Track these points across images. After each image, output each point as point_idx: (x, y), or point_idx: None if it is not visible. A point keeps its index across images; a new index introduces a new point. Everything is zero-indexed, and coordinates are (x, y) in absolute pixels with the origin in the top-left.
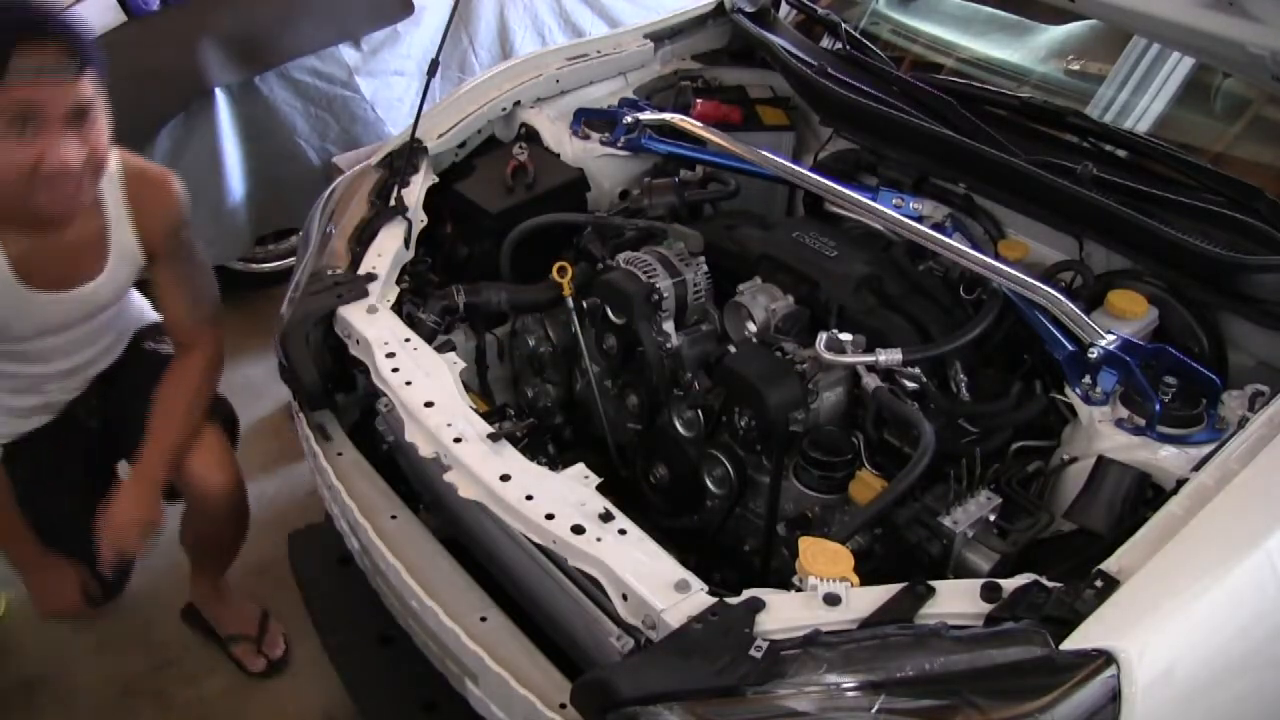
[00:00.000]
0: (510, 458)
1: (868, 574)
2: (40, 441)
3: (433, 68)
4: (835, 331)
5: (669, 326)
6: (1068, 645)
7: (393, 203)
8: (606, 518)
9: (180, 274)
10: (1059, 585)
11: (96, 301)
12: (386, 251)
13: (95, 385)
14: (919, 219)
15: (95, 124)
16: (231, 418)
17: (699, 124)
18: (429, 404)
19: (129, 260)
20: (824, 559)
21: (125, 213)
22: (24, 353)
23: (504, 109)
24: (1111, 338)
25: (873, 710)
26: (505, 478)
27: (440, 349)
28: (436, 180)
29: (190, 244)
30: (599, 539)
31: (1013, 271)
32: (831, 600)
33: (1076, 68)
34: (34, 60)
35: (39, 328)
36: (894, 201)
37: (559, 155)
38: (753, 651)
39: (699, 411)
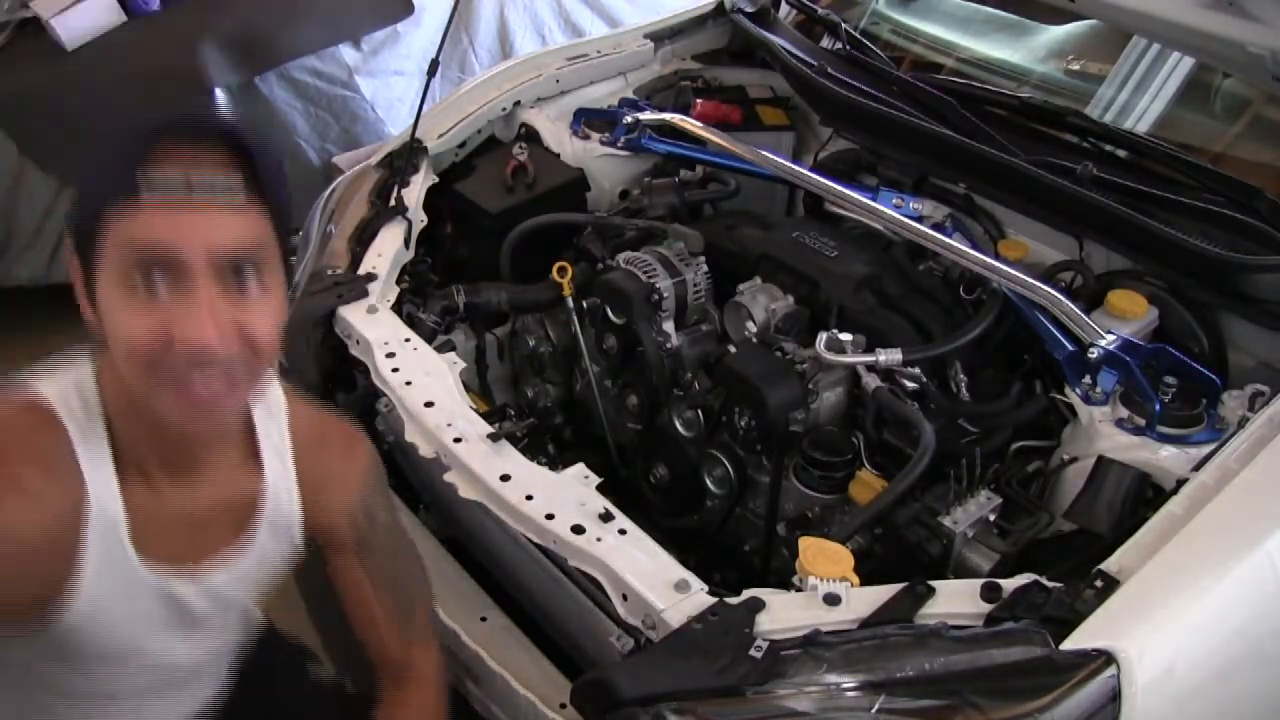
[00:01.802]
0: (510, 458)
1: (868, 574)
2: None
3: (433, 68)
4: (835, 331)
5: (669, 326)
6: (1068, 645)
7: (393, 203)
8: (606, 518)
9: (378, 571)
10: (1059, 585)
11: (228, 601)
12: (386, 251)
13: None
14: (919, 219)
15: (261, 291)
16: None
17: (699, 124)
18: (429, 404)
19: (280, 546)
20: (824, 559)
21: (291, 476)
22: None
23: (504, 109)
24: (1111, 338)
25: (873, 710)
26: (505, 478)
27: (440, 349)
28: (436, 180)
29: (391, 524)
30: (599, 539)
31: (1013, 271)
32: (831, 600)
33: (1076, 68)
34: (179, 166)
35: (125, 642)
36: (894, 201)
37: (559, 155)
38: (753, 651)
39: (699, 411)
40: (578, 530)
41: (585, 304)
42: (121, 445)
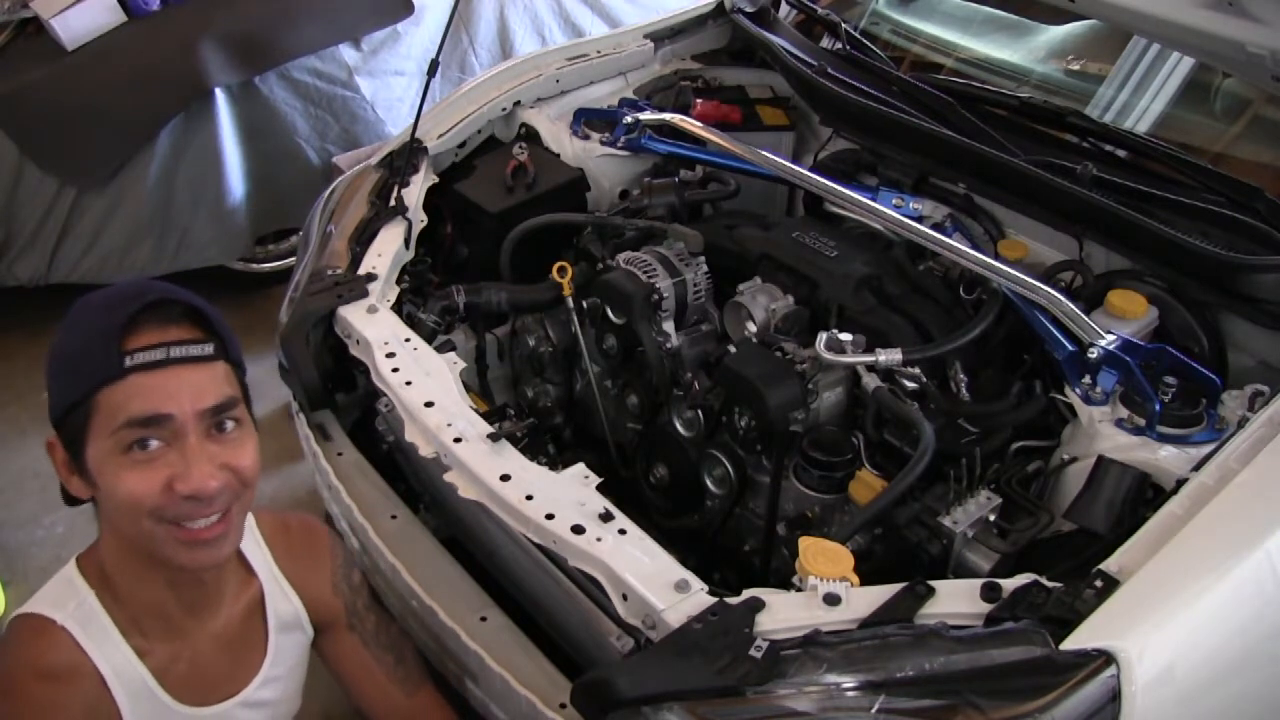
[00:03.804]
0: (510, 458)
1: (868, 574)
2: None
3: (433, 68)
4: (835, 331)
5: (669, 326)
6: (1068, 645)
7: (393, 203)
8: (606, 518)
9: (371, 632)
10: (1059, 585)
11: (268, 703)
12: (386, 251)
13: None
14: (919, 219)
15: (239, 430)
16: None
17: (699, 124)
18: (429, 404)
19: (294, 637)
20: (824, 559)
21: (279, 576)
22: None
23: (504, 109)
24: (1111, 338)
25: (873, 710)
26: (505, 478)
27: (440, 349)
28: (436, 180)
29: (363, 582)
30: (599, 539)
31: (1013, 271)
32: (831, 600)
33: (1076, 68)
34: (155, 335)
35: None
36: (894, 201)
37: (559, 155)
38: (753, 651)
39: (699, 411)
40: (578, 530)
41: (585, 304)
42: (139, 612)
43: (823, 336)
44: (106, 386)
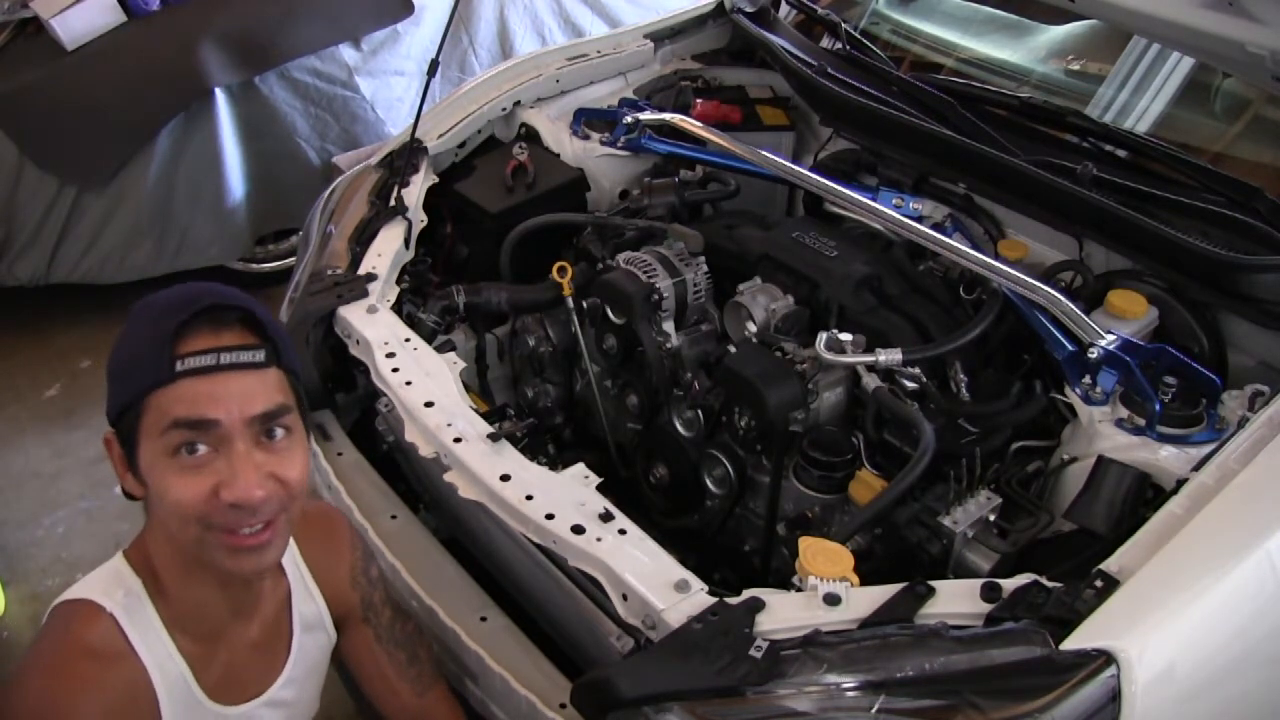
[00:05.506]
0: (510, 458)
1: (868, 574)
2: None
3: (433, 68)
4: (835, 331)
5: (669, 326)
6: (1068, 645)
7: (393, 203)
8: (606, 518)
9: (385, 626)
10: (1059, 585)
11: (289, 702)
12: (386, 251)
13: None
14: (919, 219)
15: (288, 440)
16: None
17: (699, 124)
18: (429, 404)
19: (316, 637)
20: (824, 559)
21: (304, 573)
22: None
23: (504, 109)
24: (1111, 338)
25: (873, 710)
26: (505, 478)
27: (440, 349)
28: (436, 180)
29: (380, 575)
30: (599, 539)
31: (1013, 271)
32: (831, 600)
33: (1076, 68)
34: (208, 340)
35: None
36: (894, 201)
37: (559, 155)
38: (753, 651)
39: (699, 411)
40: (578, 530)
41: (585, 304)
42: (185, 609)
43: (823, 336)
44: (157, 390)
